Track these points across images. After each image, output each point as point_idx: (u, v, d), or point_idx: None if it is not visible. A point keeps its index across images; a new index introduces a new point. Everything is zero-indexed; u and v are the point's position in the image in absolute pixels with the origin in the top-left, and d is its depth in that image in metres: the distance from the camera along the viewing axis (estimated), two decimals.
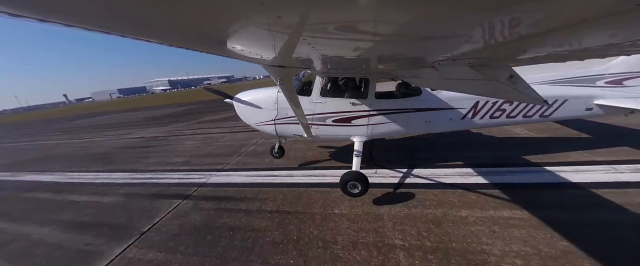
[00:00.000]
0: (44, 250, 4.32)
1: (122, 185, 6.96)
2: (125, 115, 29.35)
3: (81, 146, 13.79)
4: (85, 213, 5.53)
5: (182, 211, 5.09)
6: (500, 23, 1.01)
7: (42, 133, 22.37)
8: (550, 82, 5.74)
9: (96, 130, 19.90)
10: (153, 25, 1.10)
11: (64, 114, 51.00)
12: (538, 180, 4.98)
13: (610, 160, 5.52)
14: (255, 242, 3.85)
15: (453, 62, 2.36)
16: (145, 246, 4.05)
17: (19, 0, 0.74)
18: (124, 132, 16.69)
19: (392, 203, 4.58)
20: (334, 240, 3.73)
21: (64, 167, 9.75)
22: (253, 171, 6.81)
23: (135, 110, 35.10)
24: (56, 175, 8.71)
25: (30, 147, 15.76)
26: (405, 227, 3.86)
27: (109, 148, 12.08)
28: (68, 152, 12.50)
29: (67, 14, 0.89)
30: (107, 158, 10.33)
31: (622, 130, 7.29)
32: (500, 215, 3.96)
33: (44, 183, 7.99)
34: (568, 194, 4.43)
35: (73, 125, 25.98)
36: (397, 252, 3.38)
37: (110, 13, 0.89)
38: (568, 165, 5.51)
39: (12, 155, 13.64)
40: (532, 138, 7.39)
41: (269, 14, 0.88)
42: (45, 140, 17.67)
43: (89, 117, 33.77)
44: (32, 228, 5.15)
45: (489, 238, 3.48)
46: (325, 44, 1.59)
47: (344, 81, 5.64)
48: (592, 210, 3.91)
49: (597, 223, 3.61)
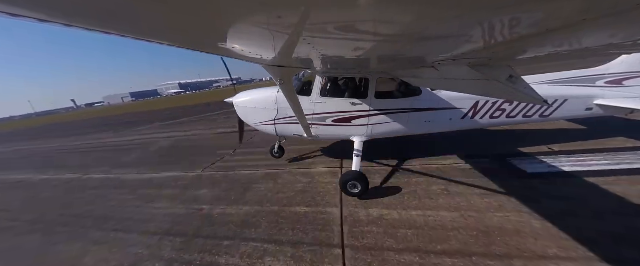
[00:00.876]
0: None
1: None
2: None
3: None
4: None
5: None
6: (500, 23, 1.01)
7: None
8: (550, 82, 5.74)
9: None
10: (153, 25, 1.09)
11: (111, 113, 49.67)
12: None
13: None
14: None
15: (453, 62, 2.35)
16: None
17: (19, 0, 0.73)
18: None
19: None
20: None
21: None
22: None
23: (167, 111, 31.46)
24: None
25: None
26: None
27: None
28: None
29: (67, 14, 0.89)
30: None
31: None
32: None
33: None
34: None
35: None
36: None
37: (111, 13, 0.89)
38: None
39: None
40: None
41: (269, 14, 0.88)
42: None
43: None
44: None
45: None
46: (325, 44, 1.59)
47: (344, 81, 5.64)
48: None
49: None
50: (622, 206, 3.79)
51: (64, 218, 5.49)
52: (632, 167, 4.80)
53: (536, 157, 5.67)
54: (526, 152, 6.02)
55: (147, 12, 0.91)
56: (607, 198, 4.01)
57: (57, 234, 4.84)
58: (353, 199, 4.66)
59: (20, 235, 5.02)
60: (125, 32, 1.15)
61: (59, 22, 0.92)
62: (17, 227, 5.37)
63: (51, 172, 9.59)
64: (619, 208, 3.75)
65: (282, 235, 3.90)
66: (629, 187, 4.17)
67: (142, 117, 27.85)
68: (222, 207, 4.98)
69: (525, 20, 0.97)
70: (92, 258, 3.94)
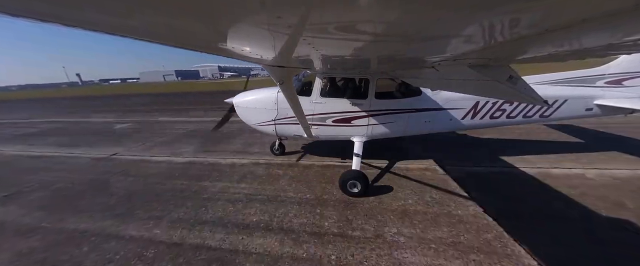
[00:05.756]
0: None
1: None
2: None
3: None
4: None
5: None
6: (500, 23, 1.01)
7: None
8: (550, 82, 5.75)
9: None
10: (153, 26, 1.10)
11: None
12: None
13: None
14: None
15: (453, 62, 2.35)
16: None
17: (19, 0, 0.74)
18: None
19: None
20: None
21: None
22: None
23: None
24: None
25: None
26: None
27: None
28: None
29: (67, 15, 0.89)
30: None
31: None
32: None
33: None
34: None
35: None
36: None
37: (112, 13, 0.89)
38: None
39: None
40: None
41: (269, 14, 0.88)
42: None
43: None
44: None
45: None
46: (325, 44, 1.59)
47: (344, 81, 5.64)
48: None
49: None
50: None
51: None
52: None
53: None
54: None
55: (147, 12, 0.91)
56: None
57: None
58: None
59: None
60: (127, 33, 1.15)
61: (59, 22, 0.92)
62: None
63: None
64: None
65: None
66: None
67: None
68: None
69: (525, 20, 0.97)
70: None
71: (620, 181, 5.06)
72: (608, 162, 5.97)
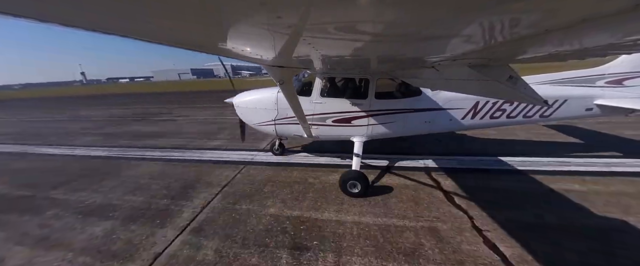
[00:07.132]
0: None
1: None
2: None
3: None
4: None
5: None
6: (500, 23, 1.01)
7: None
8: (550, 82, 5.74)
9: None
10: (153, 26, 1.10)
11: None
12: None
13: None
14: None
15: (453, 62, 2.36)
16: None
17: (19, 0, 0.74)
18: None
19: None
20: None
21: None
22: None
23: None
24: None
25: None
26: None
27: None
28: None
29: (67, 14, 0.89)
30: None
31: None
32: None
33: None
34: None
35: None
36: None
37: (111, 13, 0.89)
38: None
39: None
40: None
41: (269, 14, 0.88)
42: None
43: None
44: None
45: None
46: (325, 44, 1.59)
47: (344, 81, 5.64)
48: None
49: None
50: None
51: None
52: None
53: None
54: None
55: (146, 12, 0.91)
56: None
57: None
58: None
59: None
60: (127, 33, 1.15)
61: (60, 22, 0.92)
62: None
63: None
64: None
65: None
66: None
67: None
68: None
69: (525, 20, 0.97)
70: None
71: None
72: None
